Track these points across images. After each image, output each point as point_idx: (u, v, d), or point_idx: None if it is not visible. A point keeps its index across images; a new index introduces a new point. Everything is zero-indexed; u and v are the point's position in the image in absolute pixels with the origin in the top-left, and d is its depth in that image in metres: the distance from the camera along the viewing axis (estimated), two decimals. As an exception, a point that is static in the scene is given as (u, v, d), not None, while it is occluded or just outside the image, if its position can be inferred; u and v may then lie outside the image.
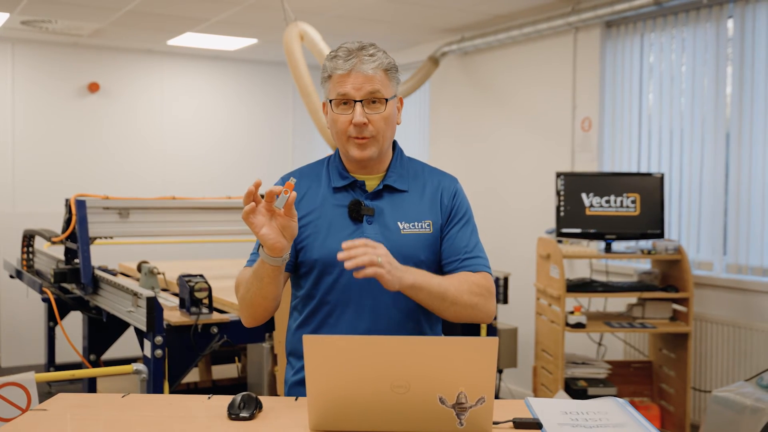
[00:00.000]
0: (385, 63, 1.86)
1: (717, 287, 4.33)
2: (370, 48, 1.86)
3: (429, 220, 1.91)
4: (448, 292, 1.80)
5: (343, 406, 1.51)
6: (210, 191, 6.02)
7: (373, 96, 1.83)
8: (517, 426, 1.58)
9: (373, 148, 1.87)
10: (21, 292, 5.26)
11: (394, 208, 1.91)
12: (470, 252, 1.91)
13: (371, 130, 1.85)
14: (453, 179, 2.00)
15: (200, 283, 3.26)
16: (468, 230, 1.94)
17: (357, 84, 1.82)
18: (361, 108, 1.83)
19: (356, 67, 1.82)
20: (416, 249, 1.88)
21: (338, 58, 1.84)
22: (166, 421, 1.62)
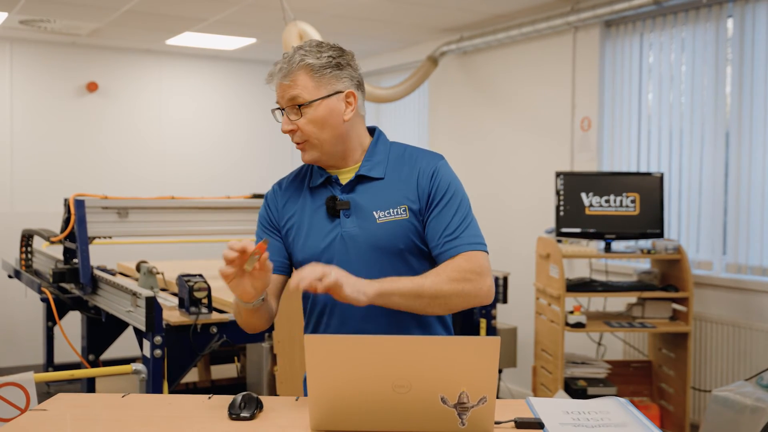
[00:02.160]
0: (303, 64, 1.81)
1: (717, 287, 4.33)
2: (296, 53, 1.84)
3: (404, 205, 1.84)
4: (423, 288, 1.72)
5: (344, 406, 1.51)
6: (209, 191, 6.02)
7: (294, 102, 1.83)
8: (518, 426, 1.58)
9: (312, 152, 1.87)
10: (19, 292, 5.25)
11: (370, 197, 1.87)
12: (450, 234, 1.81)
13: (300, 135, 1.86)
14: (433, 158, 1.90)
15: (199, 282, 3.25)
16: (449, 210, 1.83)
17: (280, 92, 1.86)
18: (284, 116, 1.86)
19: (275, 77, 1.85)
20: (393, 238, 1.83)
21: (272, 67, 1.88)
22: (167, 421, 1.61)
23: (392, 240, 1.83)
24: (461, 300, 1.77)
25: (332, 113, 1.85)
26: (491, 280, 1.81)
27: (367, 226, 1.85)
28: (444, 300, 1.75)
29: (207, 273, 3.52)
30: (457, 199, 1.85)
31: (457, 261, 1.79)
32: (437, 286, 1.74)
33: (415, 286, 1.73)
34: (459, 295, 1.76)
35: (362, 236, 1.83)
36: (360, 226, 1.85)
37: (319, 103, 1.83)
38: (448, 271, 1.76)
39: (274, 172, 7.43)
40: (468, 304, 1.79)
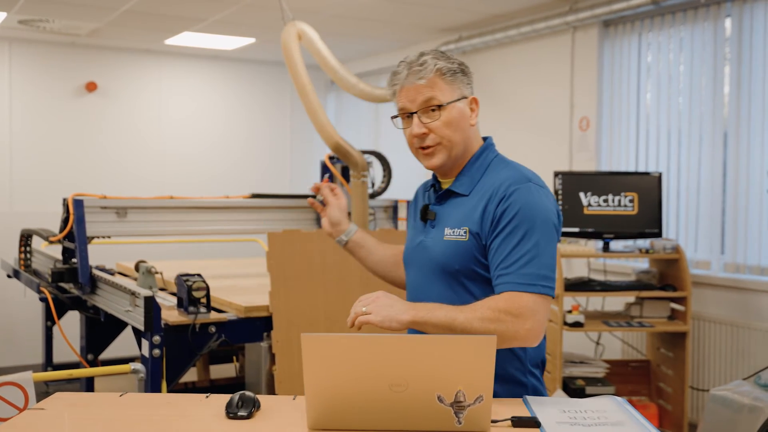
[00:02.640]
0: (437, 67, 1.83)
1: (715, 286, 4.33)
2: (424, 56, 1.85)
3: (466, 227, 1.81)
4: (455, 323, 1.67)
5: (341, 404, 1.51)
6: (208, 191, 6.01)
7: (429, 104, 1.83)
8: (515, 424, 1.58)
9: (441, 155, 1.87)
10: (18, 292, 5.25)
11: (450, 213, 1.88)
12: (506, 267, 1.72)
13: (434, 138, 1.85)
14: (516, 181, 1.79)
15: (198, 282, 3.25)
16: (511, 241, 1.73)
17: (411, 96, 1.84)
18: (417, 119, 1.84)
19: (408, 80, 1.84)
20: (450, 257, 1.82)
21: (395, 73, 1.88)
22: (165, 420, 1.62)
23: (450, 259, 1.83)
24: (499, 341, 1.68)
25: (462, 117, 1.87)
26: (533, 323, 1.68)
27: (438, 240, 1.87)
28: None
29: (206, 273, 3.52)
30: (522, 229, 1.73)
31: (497, 300, 1.70)
32: (468, 324, 1.67)
33: (448, 319, 1.68)
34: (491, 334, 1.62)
35: (432, 250, 1.87)
36: (434, 239, 1.88)
37: (453, 106, 1.85)
38: (483, 309, 1.68)
39: (273, 172, 7.45)
40: (502, 346, 1.69)
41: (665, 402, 4.34)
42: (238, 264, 5.02)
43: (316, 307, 3.50)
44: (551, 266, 1.74)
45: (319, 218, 4.61)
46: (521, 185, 1.78)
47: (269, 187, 6.93)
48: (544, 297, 1.72)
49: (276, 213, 4.52)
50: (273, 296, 3.41)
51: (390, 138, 7.03)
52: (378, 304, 1.72)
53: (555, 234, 1.78)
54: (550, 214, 1.77)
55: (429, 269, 1.88)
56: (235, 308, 3.41)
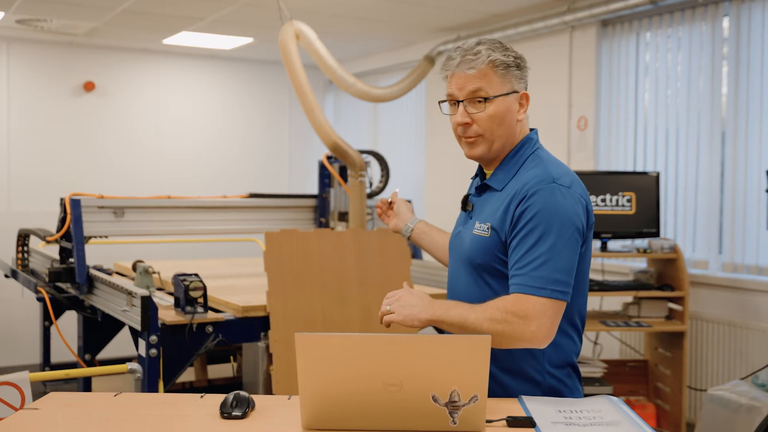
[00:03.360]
0: (490, 59, 1.80)
1: (712, 286, 4.33)
2: (479, 46, 1.82)
3: (489, 223, 1.82)
4: (467, 323, 1.70)
5: (335, 404, 1.51)
6: (206, 190, 6.02)
7: (476, 95, 1.81)
8: (510, 424, 1.58)
9: (482, 147, 1.85)
10: (16, 292, 5.25)
11: (483, 206, 1.89)
12: (520, 268, 1.73)
13: (476, 129, 1.83)
14: (538, 181, 1.77)
15: (195, 282, 3.25)
16: (528, 241, 1.73)
17: (459, 84, 1.82)
18: (463, 108, 1.82)
19: (459, 67, 1.81)
20: (474, 251, 1.85)
21: (449, 58, 1.85)
22: (159, 420, 1.61)
23: (473, 253, 1.85)
24: (501, 340, 1.69)
25: (509, 111, 1.85)
26: (538, 326, 1.68)
27: (469, 233, 1.89)
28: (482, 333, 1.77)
29: (203, 272, 3.52)
30: (539, 231, 1.72)
31: (506, 300, 1.72)
32: (478, 323, 1.69)
33: (461, 319, 1.71)
34: (499, 336, 1.68)
35: (464, 241, 1.89)
36: (467, 231, 1.90)
37: (501, 99, 1.82)
38: (492, 310, 1.70)
39: (271, 172, 7.45)
40: (510, 346, 1.71)
41: (663, 402, 4.34)
42: (235, 264, 5.02)
43: (314, 307, 3.50)
44: (566, 270, 1.72)
45: (316, 218, 4.63)
46: (544, 186, 1.76)
47: (267, 187, 6.92)
48: (554, 301, 1.70)
49: (273, 213, 4.52)
50: (270, 296, 3.40)
51: (388, 138, 7.03)
52: (400, 303, 1.76)
53: (576, 237, 1.75)
54: (573, 216, 1.75)
55: (460, 260, 1.91)
56: (233, 308, 3.41)
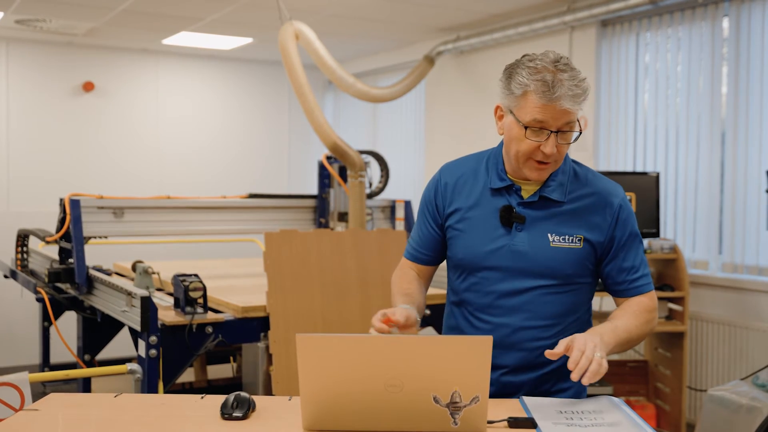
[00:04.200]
0: (586, 93, 1.78)
1: (712, 286, 4.33)
2: (574, 75, 1.76)
3: (581, 235, 1.85)
4: (632, 335, 1.82)
5: (336, 405, 1.50)
6: (205, 191, 6.01)
7: (570, 128, 1.79)
8: (511, 425, 1.57)
9: (550, 171, 1.85)
10: (15, 292, 5.25)
11: (547, 219, 1.86)
12: (637, 272, 1.89)
13: (555, 157, 1.81)
14: (616, 190, 1.90)
15: (195, 282, 3.25)
16: (634, 248, 1.89)
17: (556, 115, 1.76)
18: (554, 139, 1.77)
19: (563, 101, 1.74)
20: (564, 263, 1.84)
21: (542, 81, 1.75)
22: (159, 420, 1.61)
23: (562, 265, 1.84)
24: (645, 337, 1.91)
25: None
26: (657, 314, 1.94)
27: (539, 246, 1.85)
28: (638, 342, 1.89)
29: (203, 273, 3.52)
30: (637, 237, 1.91)
31: (645, 302, 1.89)
32: (639, 332, 1.85)
33: (627, 335, 1.81)
34: (645, 336, 1.90)
35: (532, 255, 1.84)
36: (531, 244, 1.85)
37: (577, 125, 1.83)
38: (642, 313, 1.87)
39: (271, 172, 7.44)
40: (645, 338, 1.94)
41: (663, 402, 4.34)
42: (235, 264, 5.02)
43: (313, 308, 3.50)
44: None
45: (316, 218, 4.63)
46: (624, 197, 1.92)
47: (267, 187, 6.92)
48: None
49: (273, 213, 4.52)
50: (270, 296, 3.40)
51: (388, 138, 7.03)
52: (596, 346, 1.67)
53: None
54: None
55: (525, 274, 1.85)
56: (232, 308, 3.40)
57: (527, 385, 1.89)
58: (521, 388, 1.88)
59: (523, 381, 1.88)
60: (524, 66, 1.81)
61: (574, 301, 1.89)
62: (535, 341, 1.86)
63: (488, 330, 1.88)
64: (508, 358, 1.87)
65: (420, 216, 2.02)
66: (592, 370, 1.61)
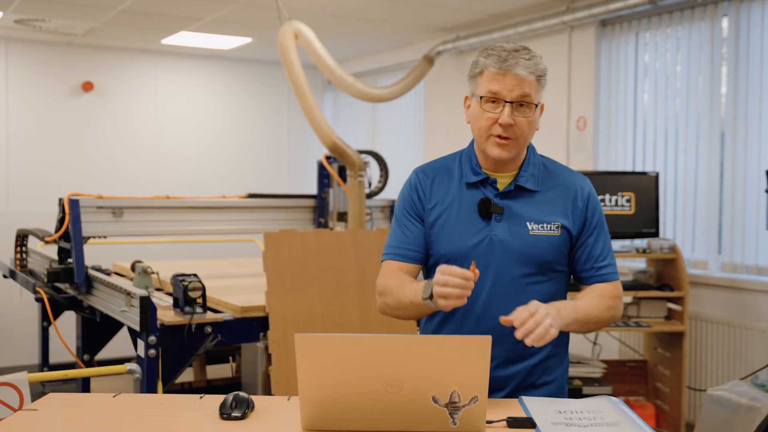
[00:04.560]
0: (540, 69, 1.86)
1: (712, 286, 4.33)
2: (527, 52, 1.85)
3: (558, 222, 1.91)
4: (590, 316, 1.86)
5: (335, 405, 1.50)
6: (205, 190, 6.01)
7: (524, 99, 1.84)
8: (510, 425, 1.57)
9: (513, 150, 1.88)
10: (14, 292, 5.24)
11: (524, 207, 1.91)
12: (603, 260, 1.95)
13: (515, 132, 1.85)
14: (585, 180, 1.99)
15: (194, 282, 3.24)
16: (602, 236, 1.96)
17: (510, 85, 1.82)
18: (510, 109, 1.83)
19: (513, 68, 1.82)
20: (543, 250, 1.89)
21: (495, 56, 1.84)
22: (158, 420, 1.61)
23: (542, 252, 1.89)
24: (607, 323, 1.94)
25: (536, 120, 1.91)
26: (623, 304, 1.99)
27: (519, 234, 1.89)
28: (599, 325, 1.93)
29: (202, 273, 3.52)
30: (605, 226, 1.98)
31: (609, 288, 1.94)
32: (600, 315, 1.89)
33: (586, 315, 1.85)
34: (608, 320, 1.92)
35: (513, 243, 1.88)
36: (511, 233, 1.89)
37: (536, 109, 1.88)
38: (605, 299, 1.91)
39: (270, 172, 7.44)
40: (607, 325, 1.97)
41: (662, 402, 4.34)
42: (234, 264, 5.01)
43: (312, 307, 3.50)
44: None
45: (315, 218, 4.62)
46: (590, 185, 1.99)
47: (266, 187, 6.92)
48: None
49: (272, 213, 4.51)
50: (269, 296, 3.40)
51: (387, 138, 7.03)
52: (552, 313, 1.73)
53: None
54: None
55: (508, 262, 1.89)
56: (232, 308, 3.40)
57: (515, 378, 1.91)
58: (510, 382, 1.91)
59: (510, 374, 1.91)
60: (482, 51, 1.91)
61: (554, 291, 1.93)
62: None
63: (474, 324, 1.90)
64: (496, 351, 1.87)
65: (400, 218, 2.00)
66: (538, 333, 1.67)
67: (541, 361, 1.93)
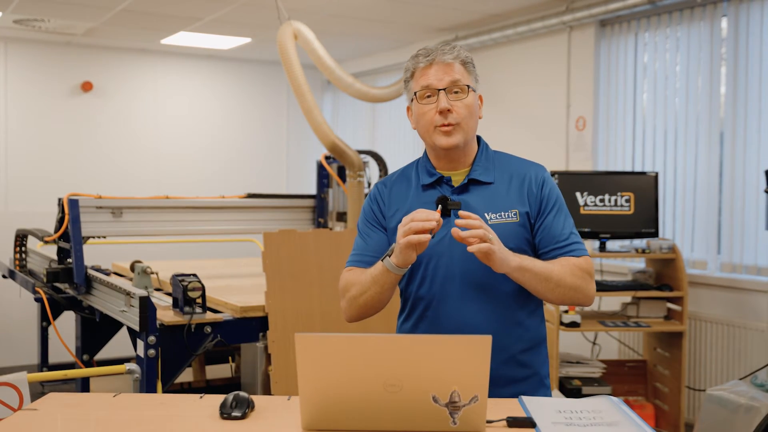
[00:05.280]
0: (463, 55, 1.93)
1: (711, 286, 4.33)
2: (448, 44, 1.95)
3: (515, 209, 1.93)
4: (552, 274, 1.85)
5: (335, 405, 1.50)
6: (204, 190, 6.00)
7: (455, 85, 1.90)
8: (510, 425, 1.57)
9: (458, 135, 1.91)
10: (14, 292, 5.24)
11: (481, 199, 1.94)
12: (566, 239, 1.95)
13: (455, 117, 1.89)
14: (540, 168, 2.01)
15: (193, 282, 3.24)
16: (561, 217, 1.96)
17: (438, 75, 1.90)
18: (444, 95, 1.89)
19: (437, 58, 1.90)
20: (504, 238, 1.87)
21: (418, 55, 1.94)
22: (158, 420, 1.61)
23: (504, 240, 1.87)
24: (574, 294, 1.90)
25: (475, 106, 1.96)
26: (595, 286, 1.96)
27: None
28: (563, 290, 1.87)
29: (201, 273, 3.51)
30: (564, 208, 1.99)
31: (578, 261, 1.92)
32: (562, 276, 1.86)
33: (546, 270, 1.85)
34: (575, 290, 1.89)
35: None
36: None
37: (472, 93, 1.94)
38: (571, 266, 1.89)
39: (270, 172, 7.44)
40: (573, 302, 1.93)
41: (662, 402, 4.34)
42: (233, 264, 5.01)
43: (312, 307, 3.50)
44: None
45: (314, 218, 4.62)
46: (545, 171, 2.01)
47: (265, 187, 6.91)
48: None
49: (272, 213, 4.52)
50: (269, 296, 3.40)
51: (386, 138, 7.03)
52: (499, 243, 1.78)
53: None
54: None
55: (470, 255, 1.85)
56: (231, 308, 3.40)
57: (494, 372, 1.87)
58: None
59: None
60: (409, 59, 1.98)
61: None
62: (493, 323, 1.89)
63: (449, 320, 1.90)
64: None
65: (362, 228, 2.04)
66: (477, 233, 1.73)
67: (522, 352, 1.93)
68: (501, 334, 1.86)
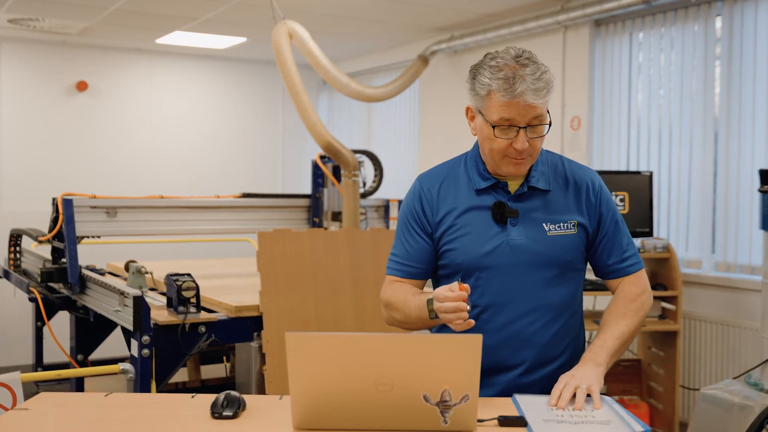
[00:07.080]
0: (549, 86, 1.78)
1: (706, 285, 4.34)
2: (535, 68, 1.76)
3: (574, 220, 1.89)
4: (625, 337, 1.87)
5: (326, 404, 1.50)
6: (199, 190, 6.00)
7: (539, 121, 1.79)
8: (502, 423, 1.57)
9: (528, 164, 1.87)
10: (8, 292, 5.23)
11: (539, 208, 1.88)
12: (625, 252, 1.94)
13: (530, 151, 1.82)
14: (594, 174, 1.97)
15: (188, 282, 3.24)
16: (620, 228, 1.95)
17: (522, 111, 1.76)
18: (524, 134, 1.78)
19: (527, 96, 1.74)
20: (563, 250, 1.86)
21: (502, 79, 1.76)
22: (149, 420, 1.61)
23: (561, 252, 1.86)
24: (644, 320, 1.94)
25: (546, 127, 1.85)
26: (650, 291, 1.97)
27: (536, 237, 1.86)
28: (638, 332, 1.93)
29: (196, 272, 3.51)
30: (618, 215, 1.96)
31: (633, 289, 1.92)
32: (635, 328, 1.90)
33: (623, 339, 1.86)
34: (643, 318, 1.92)
35: (531, 246, 1.86)
36: (527, 236, 1.86)
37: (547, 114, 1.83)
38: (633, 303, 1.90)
39: (265, 171, 7.44)
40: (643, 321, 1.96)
41: (656, 401, 4.35)
42: (228, 264, 5.01)
43: (307, 307, 3.50)
44: None
45: (309, 218, 4.62)
46: (599, 177, 1.97)
47: (261, 187, 6.91)
48: None
49: (267, 213, 4.51)
50: (263, 296, 3.40)
51: (382, 137, 7.03)
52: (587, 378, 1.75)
53: None
54: None
55: (526, 266, 1.86)
56: (225, 308, 3.40)
57: (539, 384, 1.87)
58: (531, 389, 1.86)
59: (534, 380, 1.88)
60: (486, 66, 1.82)
61: (573, 291, 1.92)
62: (544, 334, 1.88)
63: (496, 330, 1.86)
64: (521, 356, 1.87)
65: (404, 229, 1.95)
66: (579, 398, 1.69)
67: (563, 364, 1.90)
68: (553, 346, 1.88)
